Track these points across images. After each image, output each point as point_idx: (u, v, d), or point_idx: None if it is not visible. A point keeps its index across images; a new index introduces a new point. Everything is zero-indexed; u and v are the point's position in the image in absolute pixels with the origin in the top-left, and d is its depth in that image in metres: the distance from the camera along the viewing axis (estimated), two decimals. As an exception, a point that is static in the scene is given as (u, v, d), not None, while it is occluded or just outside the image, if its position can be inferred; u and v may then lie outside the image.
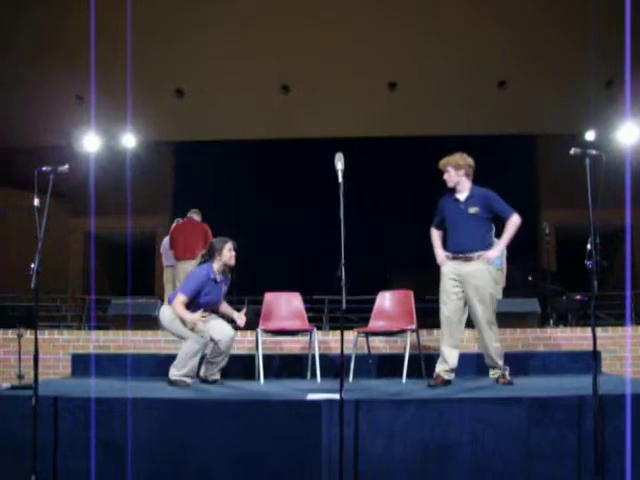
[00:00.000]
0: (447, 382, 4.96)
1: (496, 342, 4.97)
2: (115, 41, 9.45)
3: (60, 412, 3.99)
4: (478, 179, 5.13)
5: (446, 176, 5.04)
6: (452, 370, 5.01)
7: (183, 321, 5.16)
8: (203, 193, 12.30)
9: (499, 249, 5.03)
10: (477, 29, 10.50)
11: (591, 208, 3.88)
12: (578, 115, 11.39)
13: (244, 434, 3.87)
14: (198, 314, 5.08)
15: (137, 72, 10.08)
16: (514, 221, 4.93)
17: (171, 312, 5.24)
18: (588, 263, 3.93)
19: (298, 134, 12.85)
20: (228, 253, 5.38)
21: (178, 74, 11.53)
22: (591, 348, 3.76)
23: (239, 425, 3.90)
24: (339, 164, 4.09)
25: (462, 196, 5.02)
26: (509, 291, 9.20)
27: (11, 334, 6.74)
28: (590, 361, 3.74)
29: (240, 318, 5.38)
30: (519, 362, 5.94)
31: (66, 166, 4.13)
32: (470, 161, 5.03)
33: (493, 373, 5.05)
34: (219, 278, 5.41)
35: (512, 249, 9.07)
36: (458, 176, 5.00)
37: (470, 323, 5.13)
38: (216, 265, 5.38)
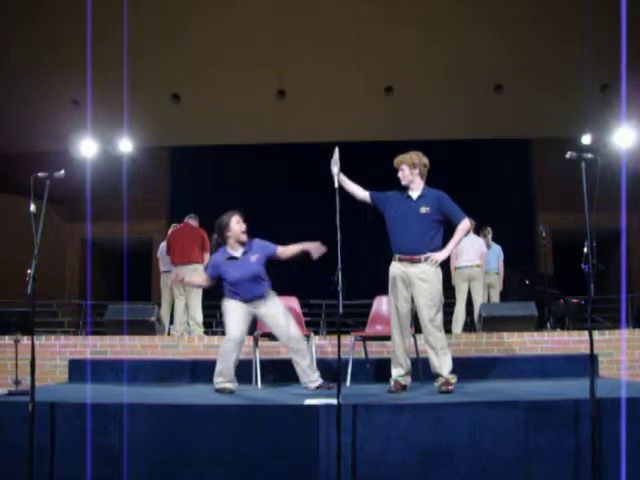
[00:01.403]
0: (404, 387, 4.87)
1: (442, 348, 4.76)
2: (111, 46, 9.47)
3: (57, 418, 3.98)
4: (476, 182, 5.08)
5: (400, 174, 4.95)
6: (408, 374, 4.92)
7: (227, 314, 5.04)
8: (200, 198, 12.26)
9: (447, 252, 4.85)
10: (474, 33, 10.53)
11: (587, 212, 3.88)
12: (574, 119, 11.43)
13: (241, 439, 3.86)
14: (194, 280, 6.03)
15: (133, 77, 10.09)
16: (464, 225, 4.84)
17: (226, 303, 5.06)
18: (585, 266, 3.93)
19: (293, 139, 12.86)
20: (237, 226, 5.04)
21: (174, 79, 11.54)
22: (588, 351, 3.77)
23: (236, 430, 3.88)
24: (335, 168, 4.09)
25: (414, 194, 4.91)
26: (506, 295, 9.23)
27: (7, 340, 6.70)
28: (587, 364, 3.75)
29: (318, 250, 5.08)
30: (517, 365, 5.93)
31: (62, 172, 4.12)
32: (425, 160, 4.94)
33: (437, 381, 4.78)
34: (239, 253, 5.07)
35: (509, 253, 9.14)
36: (412, 175, 4.90)
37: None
38: (230, 244, 5.07)
